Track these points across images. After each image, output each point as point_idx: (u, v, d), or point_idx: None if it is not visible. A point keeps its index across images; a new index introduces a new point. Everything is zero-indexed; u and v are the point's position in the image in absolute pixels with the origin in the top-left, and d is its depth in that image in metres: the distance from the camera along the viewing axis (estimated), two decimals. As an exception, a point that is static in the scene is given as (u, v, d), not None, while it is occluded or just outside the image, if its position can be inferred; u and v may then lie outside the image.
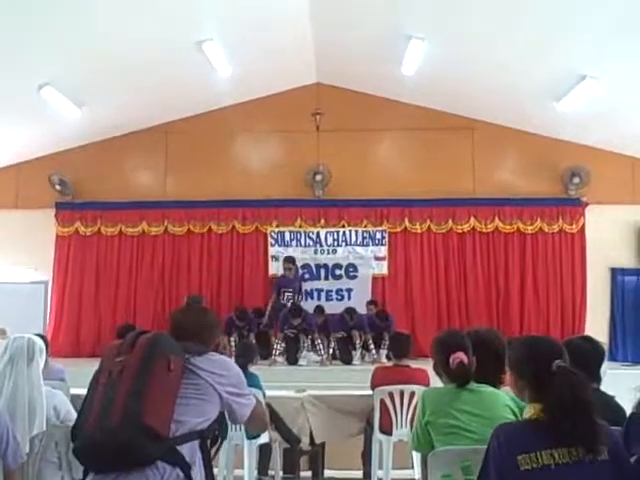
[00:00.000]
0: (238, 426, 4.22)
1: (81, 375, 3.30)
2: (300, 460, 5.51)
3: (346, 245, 10.58)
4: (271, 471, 5.41)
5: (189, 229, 10.67)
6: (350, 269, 10.54)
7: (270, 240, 10.61)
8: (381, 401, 5.09)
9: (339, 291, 10.51)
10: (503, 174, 10.52)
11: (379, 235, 10.58)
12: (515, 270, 10.44)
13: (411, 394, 4.98)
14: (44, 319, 10.53)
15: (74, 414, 3.26)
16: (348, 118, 10.42)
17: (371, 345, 9.11)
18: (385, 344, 8.76)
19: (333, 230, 10.61)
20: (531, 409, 2.11)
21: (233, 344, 8.70)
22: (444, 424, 2.78)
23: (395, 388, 5.06)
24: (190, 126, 10.68)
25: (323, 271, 10.55)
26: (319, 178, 10.40)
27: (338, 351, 9.19)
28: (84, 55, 7.87)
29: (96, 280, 10.62)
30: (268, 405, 4.89)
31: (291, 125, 10.49)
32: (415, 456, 4.37)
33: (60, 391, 3.56)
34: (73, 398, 3.78)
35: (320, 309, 9.41)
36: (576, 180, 10.15)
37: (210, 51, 8.45)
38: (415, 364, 5.44)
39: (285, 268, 9.98)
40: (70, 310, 10.52)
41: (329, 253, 10.58)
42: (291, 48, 9.25)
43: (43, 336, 4.10)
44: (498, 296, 10.44)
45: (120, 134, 10.64)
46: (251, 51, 8.85)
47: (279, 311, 9.58)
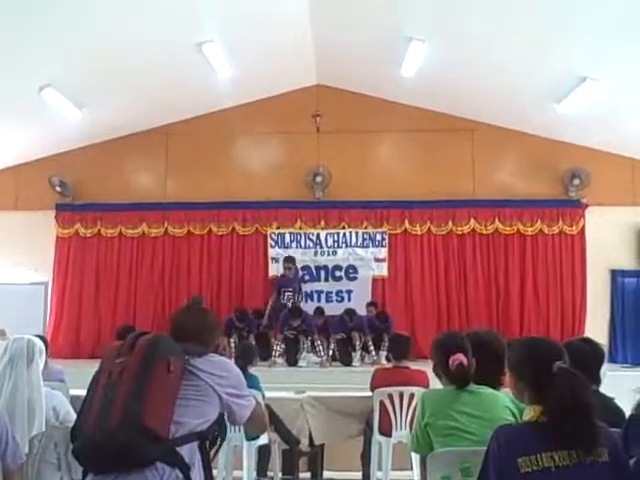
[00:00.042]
0: (237, 427, 4.22)
1: (81, 376, 3.30)
2: (299, 461, 5.50)
3: (346, 246, 10.57)
4: (270, 472, 5.40)
5: (189, 230, 10.67)
6: (350, 270, 10.54)
7: (270, 242, 10.61)
8: (381, 402, 5.09)
9: (339, 292, 10.50)
10: (503, 176, 10.53)
11: (379, 236, 10.57)
12: (515, 272, 10.44)
13: (411, 395, 4.97)
14: (44, 320, 10.53)
15: (73, 415, 3.26)
16: (348, 120, 10.43)
17: (371, 346, 9.10)
18: (385, 345, 8.77)
19: (333, 231, 10.60)
20: (531, 411, 2.10)
21: (233, 345, 8.72)
22: (443, 425, 2.78)
23: (395, 390, 5.05)
24: (190, 128, 10.69)
25: (323, 272, 10.55)
26: (319, 180, 10.40)
27: (338, 352, 9.18)
28: (84, 57, 7.88)
29: (96, 281, 10.62)
30: (267, 406, 4.89)
31: (291, 127, 10.49)
32: (414, 457, 4.35)
33: (59, 392, 3.55)
34: (73, 399, 3.77)
35: (320, 310, 9.40)
36: (576, 182, 10.15)
37: (210, 53, 8.45)
38: (415, 365, 5.44)
39: (285, 268, 10.00)
40: (70, 311, 10.52)
41: (329, 254, 10.58)
42: (291, 50, 9.25)
43: (43, 337, 4.10)
44: (498, 297, 10.44)
45: (120, 136, 10.64)
46: (251, 53, 8.85)
47: (279, 311, 9.59)
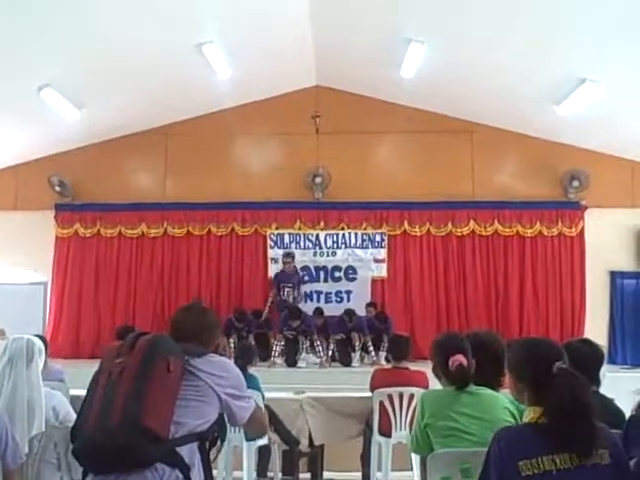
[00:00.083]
0: (237, 428, 4.21)
1: (80, 376, 3.30)
2: (299, 462, 5.50)
3: (345, 247, 10.57)
4: (270, 473, 5.41)
5: (188, 231, 10.66)
6: (349, 271, 10.54)
7: (269, 242, 10.61)
8: (380, 403, 5.09)
9: (338, 293, 10.50)
10: (502, 177, 10.53)
11: (378, 237, 10.57)
12: (514, 273, 10.44)
13: (410, 396, 4.98)
14: (43, 320, 10.52)
15: (73, 415, 3.26)
16: (348, 121, 10.43)
17: (370, 347, 9.11)
18: (384, 346, 8.77)
19: (332, 232, 10.60)
20: (531, 412, 2.09)
21: (232, 345, 8.71)
22: (443, 426, 2.78)
23: (394, 390, 5.05)
24: (190, 128, 10.68)
25: (322, 273, 10.55)
26: (319, 180, 10.40)
27: (337, 353, 9.19)
28: (84, 57, 7.87)
29: (95, 281, 10.61)
30: (267, 407, 4.89)
31: (291, 127, 10.49)
32: (414, 458, 4.35)
33: (59, 392, 3.55)
34: (72, 399, 3.77)
35: (319, 311, 9.40)
36: (575, 183, 10.15)
37: (210, 53, 8.45)
38: (414, 366, 5.44)
39: (284, 262, 10.01)
40: (69, 311, 10.51)
41: (328, 255, 10.58)
42: (291, 51, 9.25)
43: (42, 337, 4.10)
44: (497, 299, 10.44)
45: (120, 136, 10.63)
46: (251, 54, 8.85)
47: (279, 307, 9.61)
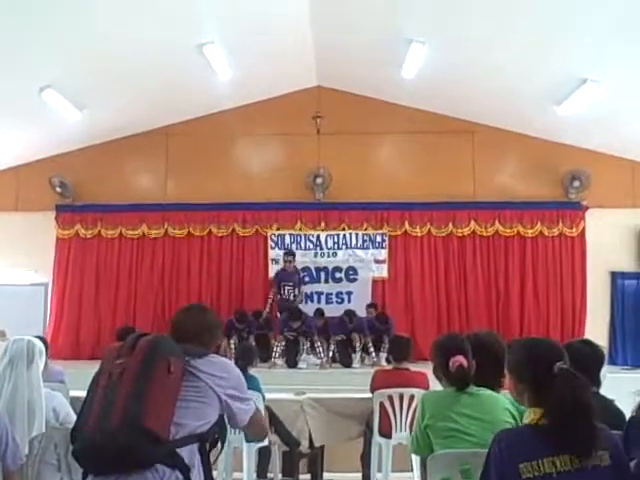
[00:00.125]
0: (238, 429, 4.22)
1: (81, 377, 3.30)
2: (299, 463, 5.50)
3: (346, 248, 10.56)
4: (270, 474, 5.41)
5: (189, 232, 10.65)
6: (350, 272, 10.53)
7: (270, 243, 10.60)
8: (381, 404, 5.09)
9: (339, 294, 10.49)
10: (503, 177, 10.53)
11: (379, 238, 10.56)
12: (515, 273, 10.43)
13: (411, 397, 4.98)
14: (44, 321, 10.51)
15: (73, 416, 3.26)
16: (349, 121, 10.43)
17: (371, 348, 9.09)
18: (385, 347, 8.77)
19: (333, 233, 10.59)
20: (531, 413, 2.09)
21: (233, 347, 8.71)
22: (443, 427, 2.78)
23: (395, 391, 5.06)
24: (191, 129, 10.68)
25: (323, 274, 10.53)
26: (319, 181, 10.39)
27: (338, 354, 9.18)
28: (85, 58, 7.87)
29: (96, 282, 10.60)
30: (267, 408, 4.90)
31: (292, 128, 10.49)
32: (414, 459, 4.35)
33: (59, 393, 3.55)
34: (73, 400, 3.78)
35: (320, 312, 9.37)
36: (576, 184, 10.15)
37: (211, 54, 8.44)
38: (415, 367, 5.44)
39: (285, 261, 9.98)
40: (70, 312, 10.50)
41: (329, 256, 10.57)
42: (291, 51, 9.26)
43: (43, 338, 4.11)
44: (498, 299, 10.43)
45: (121, 136, 10.63)
46: (252, 54, 8.85)
47: (280, 307, 9.62)
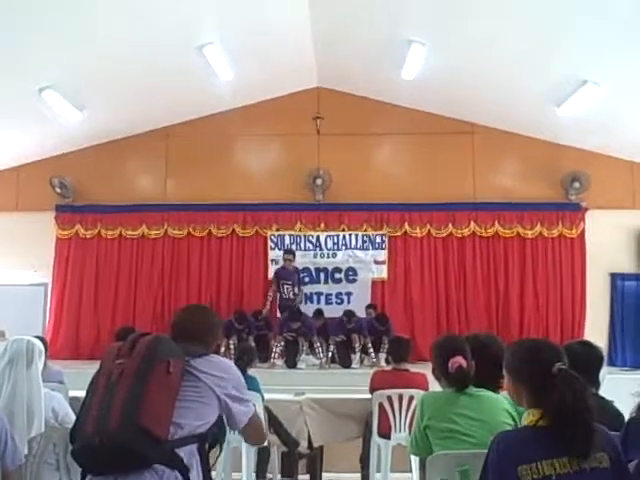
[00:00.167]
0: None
1: (80, 377, 3.30)
2: (298, 463, 5.49)
3: (346, 249, 10.57)
4: (269, 474, 5.41)
5: (189, 232, 10.64)
6: (350, 273, 10.53)
7: (270, 244, 10.60)
8: (380, 405, 5.09)
9: (339, 295, 10.49)
10: (503, 179, 10.53)
11: (379, 239, 10.57)
12: (515, 275, 10.42)
13: (410, 398, 4.98)
14: (43, 321, 10.50)
15: (72, 416, 3.26)
16: (349, 122, 10.43)
17: (370, 349, 9.08)
18: (384, 348, 8.76)
19: (333, 234, 10.59)
20: (530, 415, 2.08)
21: (232, 347, 8.71)
22: (442, 428, 2.78)
23: (394, 392, 5.06)
24: (191, 129, 10.69)
25: (323, 275, 10.53)
26: (319, 182, 10.39)
27: (337, 354, 9.16)
28: (85, 58, 7.88)
29: (96, 283, 10.58)
30: (266, 408, 4.90)
31: (292, 129, 10.49)
32: (413, 460, 4.35)
33: (59, 393, 3.55)
34: (72, 400, 3.78)
35: (319, 312, 9.38)
36: (576, 185, 10.14)
37: (211, 55, 8.44)
38: (414, 368, 5.45)
39: (285, 260, 9.96)
40: (69, 312, 10.49)
41: (329, 257, 10.56)
42: (292, 52, 9.26)
43: (42, 338, 4.11)
44: (498, 301, 10.42)
45: (121, 137, 10.63)
46: (252, 55, 8.85)
47: (280, 308, 9.62)
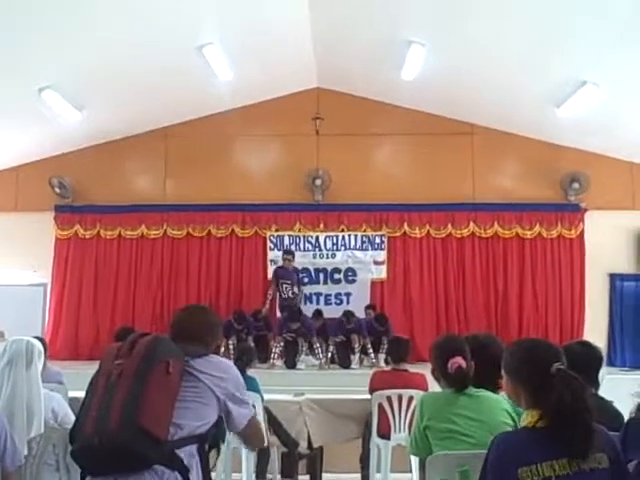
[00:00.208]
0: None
1: (79, 378, 3.30)
2: (298, 464, 5.49)
3: (345, 249, 10.56)
4: (269, 475, 5.41)
5: (188, 232, 10.64)
6: (349, 273, 10.53)
7: (269, 244, 10.60)
8: (379, 405, 5.09)
9: (338, 295, 10.49)
10: (503, 179, 10.53)
11: (378, 239, 10.57)
12: (514, 275, 10.43)
13: (409, 398, 4.98)
14: (42, 322, 10.49)
15: (72, 417, 3.26)
16: (348, 122, 10.43)
17: (370, 349, 9.08)
18: (384, 348, 8.76)
19: (332, 234, 10.59)
20: (528, 416, 2.07)
21: (232, 347, 8.71)
22: (442, 429, 2.78)
23: (393, 392, 5.06)
24: (190, 130, 10.68)
25: (322, 275, 10.53)
26: (319, 182, 10.39)
27: (336, 355, 9.15)
28: (85, 59, 7.87)
29: (95, 283, 10.58)
30: (266, 409, 4.90)
31: (291, 129, 10.49)
32: (413, 460, 4.35)
33: (58, 394, 3.55)
34: (71, 401, 3.78)
35: (319, 313, 9.38)
36: (575, 186, 10.15)
37: (210, 55, 8.44)
38: (413, 368, 5.45)
39: (284, 259, 9.95)
40: (69, 313, 10.48)
41: (328, 257, 10.56)
42: (291, 52, 9.27)
43: (42, 339, 4.11)
44: (497, 301, 10.43)
45: (120, 137, 10.62)
46: (251, 55, 8.85)
47: (280, 308, 9.62)
